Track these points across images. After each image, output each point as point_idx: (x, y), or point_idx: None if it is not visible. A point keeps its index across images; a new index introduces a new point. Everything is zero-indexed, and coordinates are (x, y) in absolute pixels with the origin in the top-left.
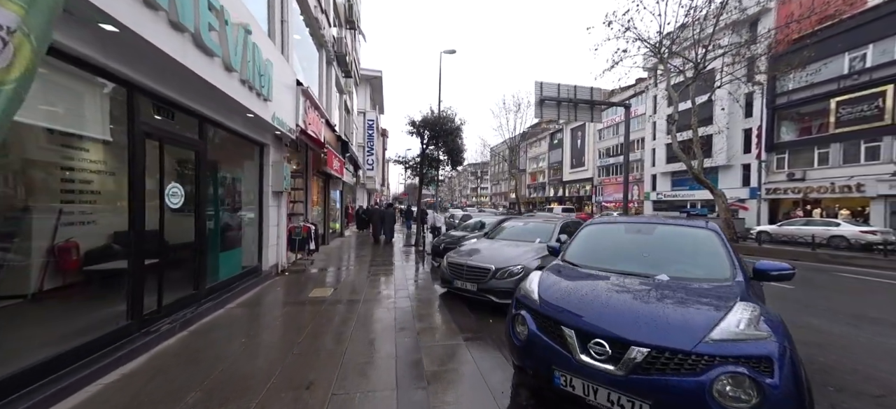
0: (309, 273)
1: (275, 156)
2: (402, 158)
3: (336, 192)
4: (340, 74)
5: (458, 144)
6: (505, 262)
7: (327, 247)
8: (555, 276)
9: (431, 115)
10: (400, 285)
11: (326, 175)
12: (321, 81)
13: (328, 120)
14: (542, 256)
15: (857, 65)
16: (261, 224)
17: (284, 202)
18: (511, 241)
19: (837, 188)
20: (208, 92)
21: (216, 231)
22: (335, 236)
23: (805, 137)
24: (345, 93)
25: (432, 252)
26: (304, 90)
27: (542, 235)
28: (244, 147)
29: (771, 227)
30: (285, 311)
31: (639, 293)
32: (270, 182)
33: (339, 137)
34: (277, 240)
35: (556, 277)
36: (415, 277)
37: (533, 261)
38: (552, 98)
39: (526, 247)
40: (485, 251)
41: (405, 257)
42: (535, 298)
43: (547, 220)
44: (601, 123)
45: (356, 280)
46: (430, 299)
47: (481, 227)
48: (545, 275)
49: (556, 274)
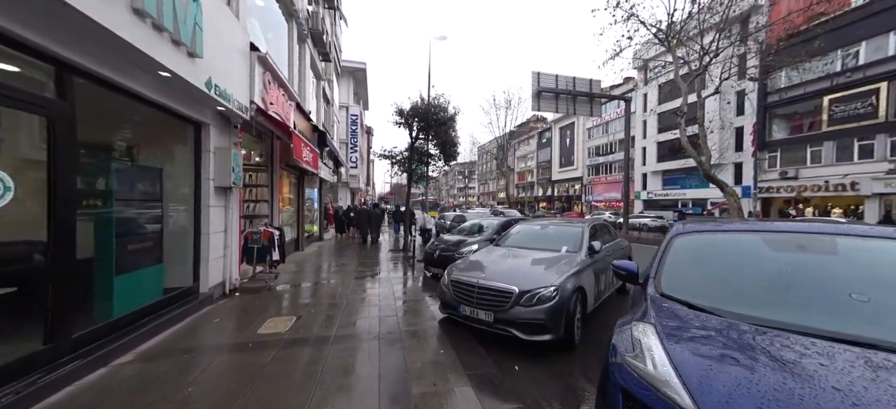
0: (269, 292)
1: (219, 140)
2: (389, 153)
3: (313, 190)
4: (317, 55)
5: (451, 137)
6: (532, 282)
7: (302, 254)
8: (689, 343)
9: (422, 103)
10: (386, 306)
11: (300, 171)
12: (291, 59)
13: (299, 103)
14: (577, 271)
15: (850, 62)
16: (198, 230)
17: (236, 202)
18: (528, 250)
19: (831, 187)
20: (75, 24)
21: (108, 243)
22: (312, 241)
23: (797, 136)
24: (323, 79)
25: (424, 261)
26: (261, 57)
27: (568, 241)
28: (168, 125)
29: None
30: (211, 365)
31: None
32: (212, 174)
33: (315, 128)
34: (225, 250)
35: (691, 343)
36: (404, 293)
37: (568, 279)
38: (550, 90)
39: (551, 258)
40: (498, 265)
41: (392, 265)
42: (684, 402)
43: (567, 222)
44: (591, 122)
45: (329, 302)
46: (426, 331)
47: (480, 230)
48: (672, 340)
49: (681, 330)
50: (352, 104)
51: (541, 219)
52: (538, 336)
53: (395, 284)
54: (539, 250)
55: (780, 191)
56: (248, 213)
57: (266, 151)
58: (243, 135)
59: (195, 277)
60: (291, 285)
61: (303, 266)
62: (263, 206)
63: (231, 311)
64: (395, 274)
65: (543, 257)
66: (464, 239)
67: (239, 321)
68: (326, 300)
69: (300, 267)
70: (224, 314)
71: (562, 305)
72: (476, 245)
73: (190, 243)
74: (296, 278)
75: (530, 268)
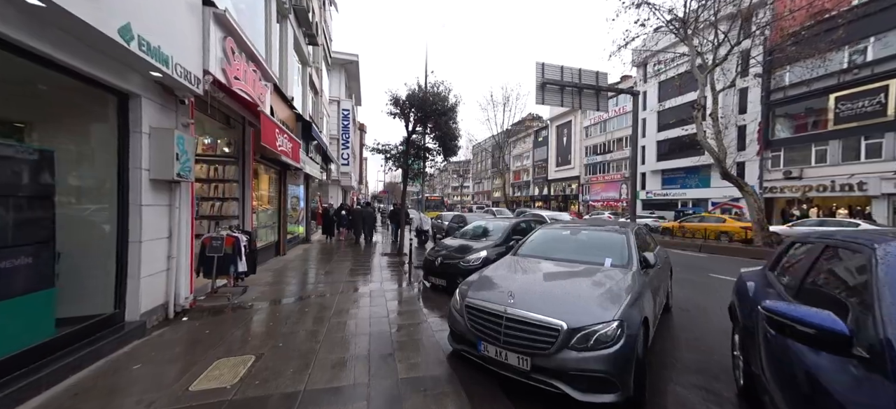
0: (230, 314)
1: (157, 118)
2: (383, 147)
3: (298, 188)
4: (302, 37)
5: (451, 129)
6: (585, 313)
7: (282, 259)
8: None
9: (419, 91)
10: (378, 336)
11: (282, 165)
12: (269, 34)
13: (278, 86)
14: (637, 295)
15: (857, 59)
16: (123, 237)
17: (186, 200)
18: (558, 262)
19: (838, 187)
20: None
21: None
22: (296, 244)
23: (801, 134)
24: (310, 66)
25: (424, 269)
26: (219, 15)
27: (611, 251)
28: (77, 95)
29: (780, 227)
30: None
31: None
32: (145, 163)
33: (299, 117)
34: (169, 262)
35: None
36: (400, 313)
37: (631, 308)
38: (555, 82)
39: (597, 277)
40: (529, 286)
41: (386, 273)
42: None
43: (602, 226)
44: (589, 120)
45: (306, 329)
46: (434, 379)
47: (484, 234)
48: None
49: None
50: (343, 98)
51: (558, 222)
52: (600, 396)
53: (389, 298)
54: (573, 262)
55: (784, 191)
56: (213, 214)
57: (237, 141)
58: (198, 117)
59: (118, 301)
60: (260, 302)
61: (281, 276)
62: (233, 205)
63: (166, 347)
64: (390, 285)
65: (585, 275)
66: (468, 244)
67: (170, 367)
68: (302, 326)
69: (277, 277)
70: (154, 354)
71: (630, 347)
72: (484, 252)
73: (110, 254)
74: (268, 293)
75: (574, 290)
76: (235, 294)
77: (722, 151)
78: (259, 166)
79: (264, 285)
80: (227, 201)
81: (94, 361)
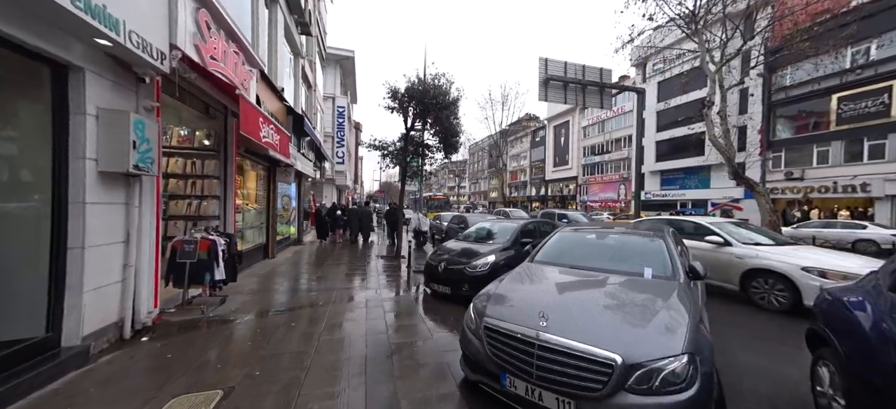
0: (202, 331)
1: (107, 98)
2: (380, 143)
3: (290, 186)
4: (294, 26)
5: (452, 125)
6: (644, 343)
7: (271, 263)
8: None
9: (419, 82)
10: (376, 360)
11: (271, 161)
12: (255, 16)
13: (265, 73)
14: (698, 315)
15: (860, 59)
16: (60, 243)
17: (150, 197)
18: (590, 272)
19: (840, 188)
20: None
21: None
22: (288, 245)
23: (803, 135)
24: (303, 57)
25: (425, 274)
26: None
27: (649, 259)
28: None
29: (785, 229)
30: None
31: None
32: (91, 151)
33: (289, 110)
34: (125, 271)
35: None
36: (398, 326)
37: (696, 334)
38: (558, 78)
39: (643, 292)
40: (561, 302)
41: (383, 278)
42: None
43: (631, 229)
44: (587, 120)
45: (290, 351)
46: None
47: (488, 236)
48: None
49: None
50: (339, 95)
51: (578, 223)
52: None
53: (387, 308)
54: (605, 272)
55: (786, 192)
56: (190, 213)
57: (217, 132)
58: (170, 103)
59: (53, 321)
60: (241, 314)
61: (268, 282)
62: (213, 204)
63: (113, 380)
64: (388, 292)
65: (627, 290)
66: (472, 248)
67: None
68: (287, 346)
69: (263, 283)
70: (92, 391)
71: (707, 391)
72: (492, 257)
73: (42, 264)
74: (251, 303)
75: (621, 310)
76: (212, 306)
77: (731, 150)
78: (244, 162)
79: (248, 294)
80: (207, 200)
81: (12, 401)
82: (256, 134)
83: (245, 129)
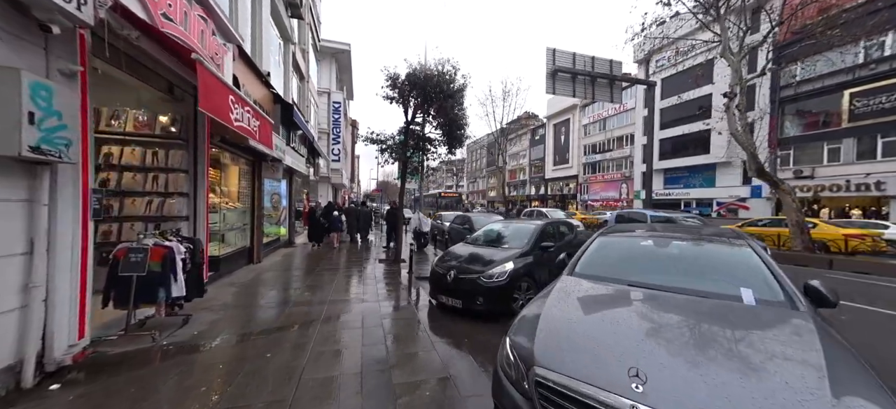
0: (154, 363)
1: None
2: (379, 137)
3: (279, 184)
4: (283, 7)
5: (458, 116)
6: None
7: (255, 269)
8: None
9: (421, 70)
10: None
11: (256, 154)
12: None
13: (244, 49)
14: (862, 366)
15: (874, 53)
16: None
17: (70, 192)
18: (664, 292)
19: (853, 186)
20: None
21: None
22: (277, 248)
23: (813, 132)
24: (293, 43)
25: (431, 284)
26: None
27: (741, 275)
28: None
29: None
30: None
31: None
32: None
33: (277, 98)
34: (32, 294)
35: None
36: (404, 360)
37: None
38: (566, 70)
39: (763, 329)
40: (652, 348)
41: (382, 287)
42: None
43: (710, 235)
44: (587, 118)
45: (261, 403)
46: None
47: (498, 239)
48: None
49: None
50: (334, 90)
51: (664, 221)
52: None
53: (388, 328)
54: (682, 292)
55: (795, 191)
56: (150, 214)
57: (185, 117)
58: (117, 78)
59: None
60: (203, 341)
61: (247, 294)
62: (179, 202)
63: None
64: (388, 304)
65: (739, 325)
66: (485, 254)
67: None
68: (258, 392)
69: (241, 296)
70: None
71: None
72: (509, 264)
73: None
74: (221, 324)
75: (743, 361)
76: (170, 330)
77: (753, 145)
78: (222, 154)
79: (219, 310)
80: (172, 197)
81: None
82: (225, 115)
83: (207, 106)
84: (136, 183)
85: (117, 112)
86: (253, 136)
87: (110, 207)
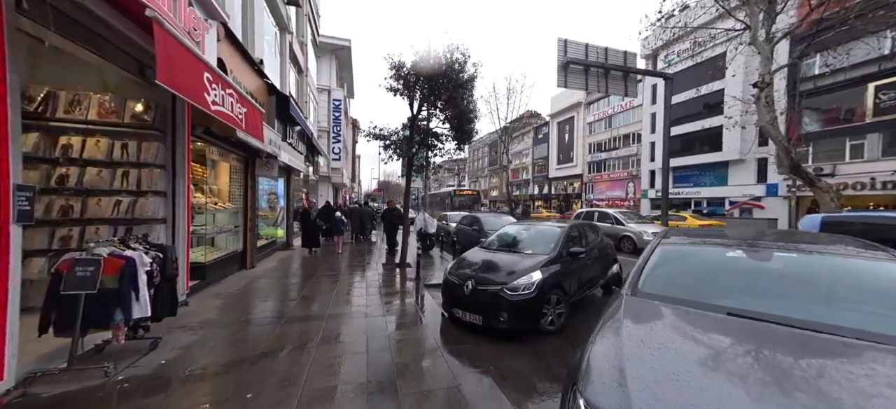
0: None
1: None
2: (381, 132)
3: (276, 182)
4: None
5: (467, 109)
6: None
7: (247, 275)
8: None
9: (428, 57)
10: None
11: (248, 150)
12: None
13: (231, 31)
14: None
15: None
16: None
17: None
18: (791, 330)
19: (879, 184)
20: None
21: None
22: (274, 251)
23: (834, 128)
24: (290, 33)
25: (444, 294)
26: None
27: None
28: None
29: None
30: None
31: None
32: None
33: (272, 89)
34: None
35: None
36: (424, 402)
37: None
38: (578, 61)
39: None
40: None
41: (387, 298)
42: None
43: (803, 238)
44: (592, 116)
45: None
46: None
47: (514, 244)
48: None
49: None
50: (334, 88)
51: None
52: None
53: (396, 348)
54: (827, 331)
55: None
56: (118, 216)
57: (162, 103)
58: (72, 56)
59: None
60: (170, 372)
61: (233, 307)
62: (154, 202)
63: None
64: (393, 319)
65: None
66: (504, 261)
67: None
68: None
69: (226, 310)
70: None
71: None
72: (537, 274)
73: None
74: (196, 348)
75: None
76: (132, 358)
77: (783, 141)
78: (209, 149)
79: (198, 330)
80: (145, 197)
81: None
82: (198, 96)
83: (168, 79)
84: (102, 180)
85: (78, 97)
86: (238, 124)
87: (70, 208)
